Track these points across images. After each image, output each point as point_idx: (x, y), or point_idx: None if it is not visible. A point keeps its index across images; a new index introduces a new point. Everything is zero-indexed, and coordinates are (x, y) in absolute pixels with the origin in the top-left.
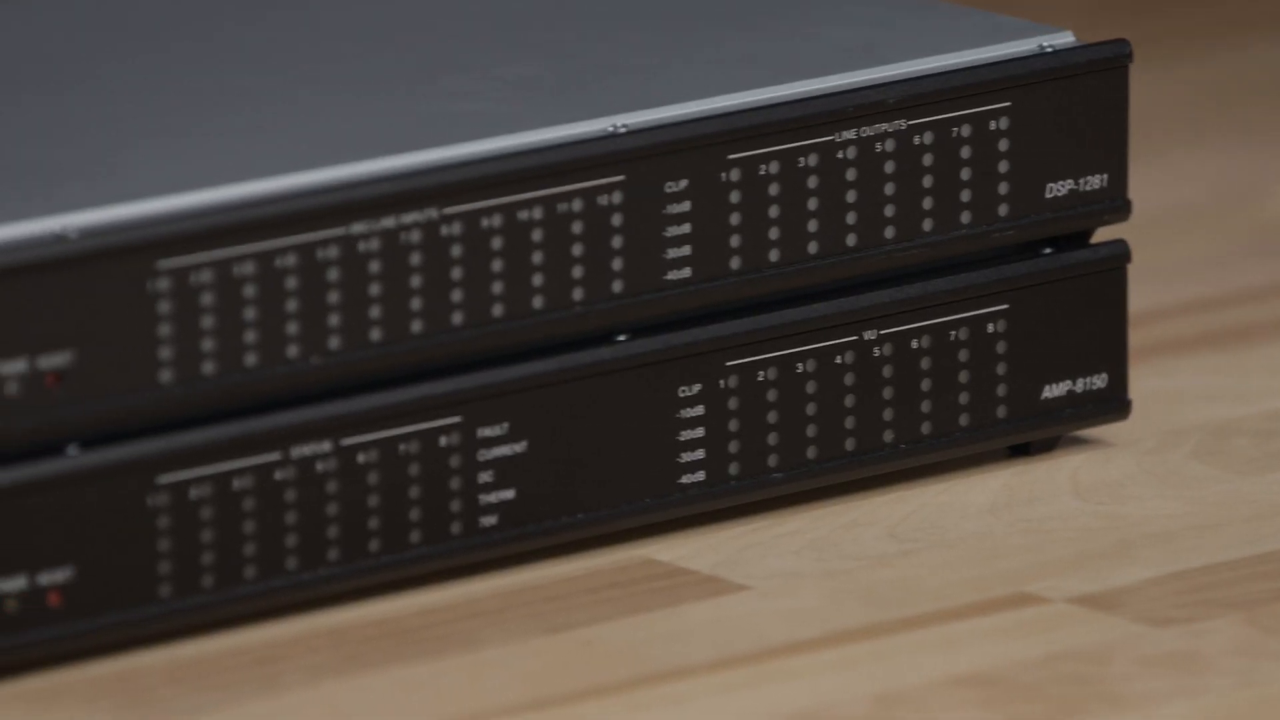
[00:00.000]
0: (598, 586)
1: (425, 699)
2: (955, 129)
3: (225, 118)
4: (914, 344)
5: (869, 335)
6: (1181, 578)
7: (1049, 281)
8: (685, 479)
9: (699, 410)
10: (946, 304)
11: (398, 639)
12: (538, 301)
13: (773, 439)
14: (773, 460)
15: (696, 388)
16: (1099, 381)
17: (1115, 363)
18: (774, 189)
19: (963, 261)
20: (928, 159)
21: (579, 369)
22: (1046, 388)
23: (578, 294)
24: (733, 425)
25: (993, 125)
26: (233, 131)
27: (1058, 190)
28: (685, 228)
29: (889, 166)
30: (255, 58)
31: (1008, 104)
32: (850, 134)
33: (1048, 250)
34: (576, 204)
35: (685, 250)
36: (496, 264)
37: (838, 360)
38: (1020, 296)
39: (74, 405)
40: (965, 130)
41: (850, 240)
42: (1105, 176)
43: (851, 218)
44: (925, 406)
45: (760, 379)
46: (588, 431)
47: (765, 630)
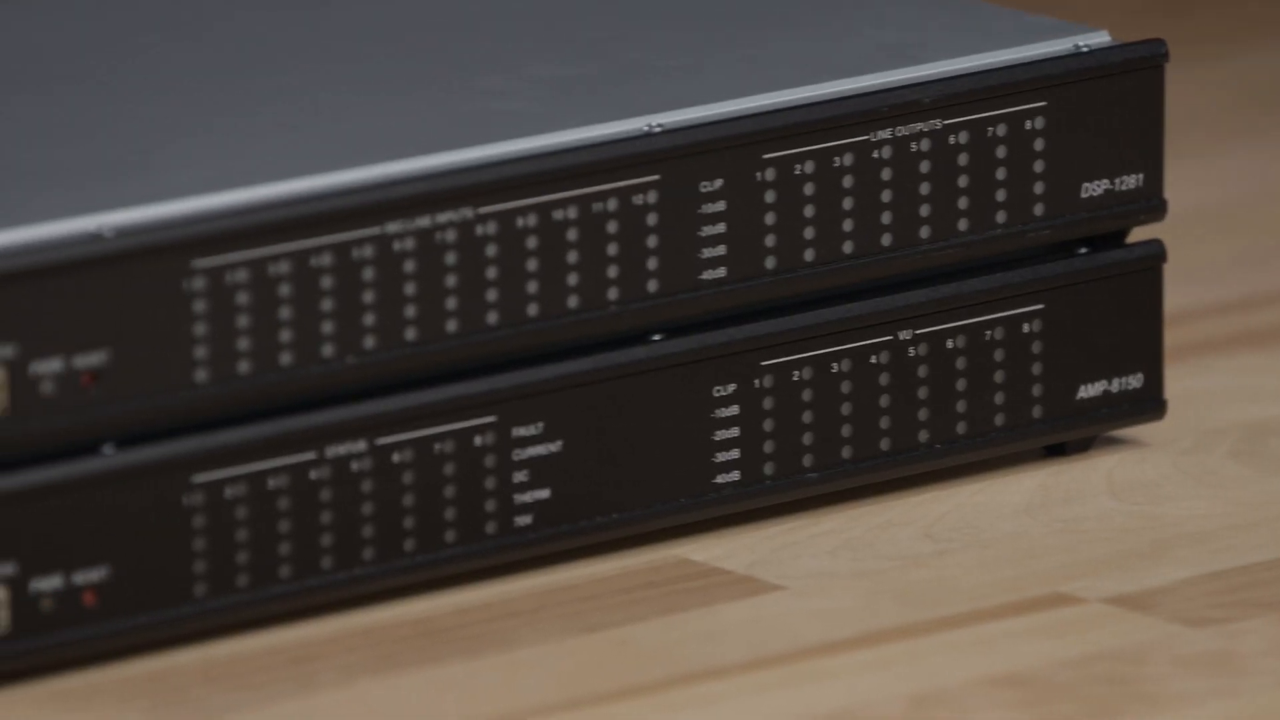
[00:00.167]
0: (632, 586)
1: (460, 698)
2: (991, 129)
3: (261, 117)
4: (949, 344)
5: (904, 335)
6: (1217, 578)
7: (1084, 281)
8: (720, 479)
9: (734, 410)
10: (982, 304)
11: (432, 638)
12: (573, 301)
13: (808, 439)
14: (808, 460)
15: (731, 387)
16: (1134, 381)
17: (1151, 362)
18: (809, 188)
19: (998, 261)
20: (963, 159)
21: (614, 368)
22: (1082, 387)
23: (613, 293)
24: (768, 425)
25: (1028, 125)
26: (268, 130)
27: (1093, 190)
28: (720, 227)
29: (924, 166)
30: (291, 56)
31: (1043, 104)
32: (885, 134)
33: (1083, 250)
34: (611, 203)
35: (720, 250)
36: (531, 263)
37: (873, 360)
38: (1056, 296)
39: (109, 404)
40: (1001, 130)
41: (885, 240)
42: (1141, 176)
43: (887, 217)
44: (960, 406)
45: (795, 379)
46: (623, 431)
47: (800, 630)
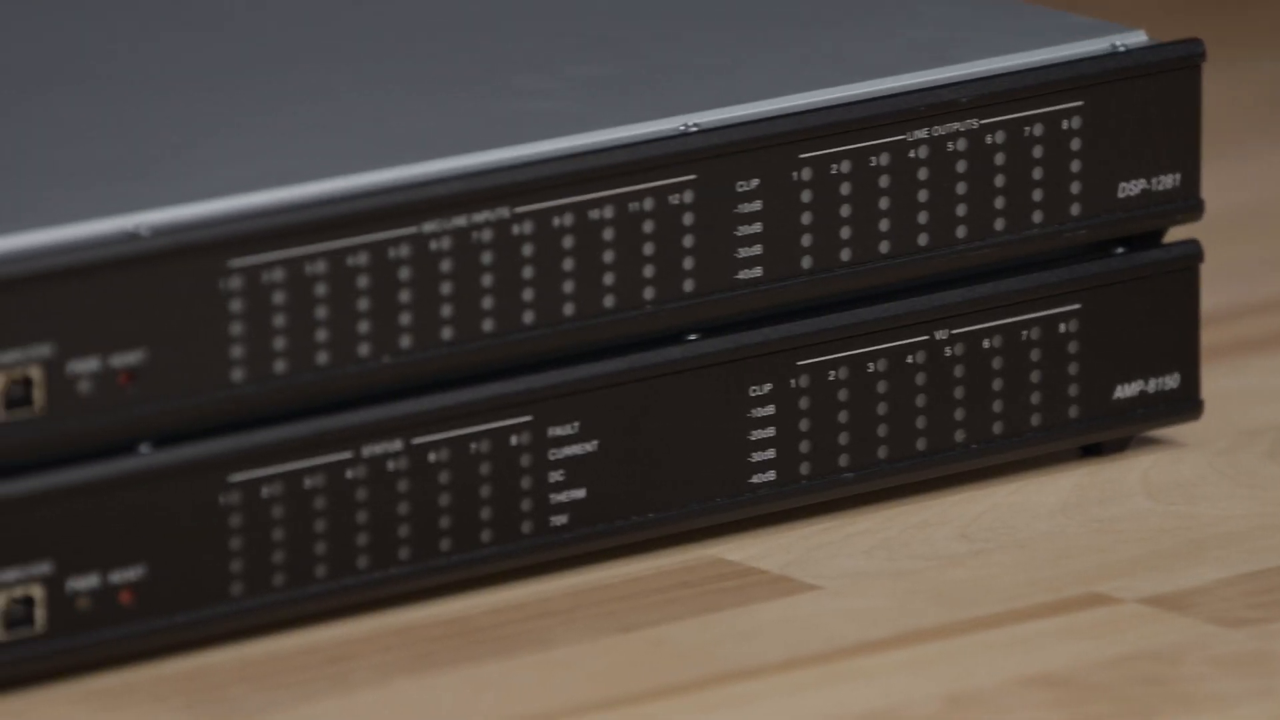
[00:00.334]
0: (668, 586)
1: (495, 698)
2: (1027, 128)
3: (297, 116)
4: (985, 344)
5: (940, 335)
6: (1254, 578)
7: (1121, 281)
8: (756, 478)
9: (770, 410)
10: (1018, 304)
11: (468, 638)
12: (609, 300)
13: (844, 439)
14: (844, 460)
15: (767, 387)
16: (1171, 381)
17: (1187, 363)
18: (845, 188)
19: (1035, 261)
20: (1000, 158)
21: (650, 368)
22: (1118, 388)
23: (649, 293)
24: (803, 425)
25: (1065, 125)
26: (304, 130)
27: (1130, 190)
28: (756, 227)
29: (961, 166)
30: (328, 55)
31: (1080, 103)
32: (922, 133)
33: (1120, 250)
34: (648, 203)
35: (756, 249)
36: (568, 263)
37: (909, 360)
38: (1092, 296)
39: (146, 404)
40: (1037, 129)
41: (922, 240)
42: (1178, 176)
43: (923, 217)
44: (997, 406)
45: (831, 378)
46: (658, 431)
47: (836, 630)
